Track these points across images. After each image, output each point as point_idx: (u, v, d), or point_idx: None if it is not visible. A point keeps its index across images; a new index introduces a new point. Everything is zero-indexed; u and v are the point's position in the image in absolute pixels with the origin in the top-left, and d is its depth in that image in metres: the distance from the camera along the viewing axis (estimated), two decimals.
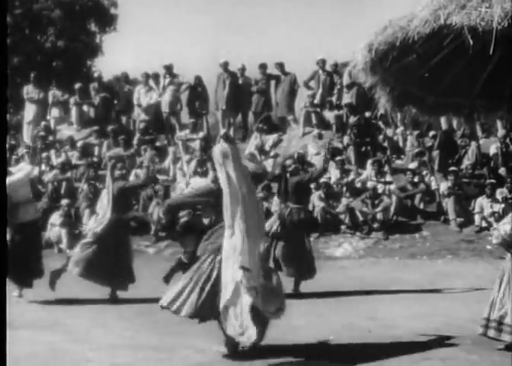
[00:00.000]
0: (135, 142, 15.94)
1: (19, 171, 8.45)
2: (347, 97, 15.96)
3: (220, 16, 45.57)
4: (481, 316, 5.85)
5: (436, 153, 14.27)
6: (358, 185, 13.54)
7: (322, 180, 13.51)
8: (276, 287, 5.55)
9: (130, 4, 39.69)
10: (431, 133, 14.85)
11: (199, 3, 43.98)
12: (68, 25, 24.46)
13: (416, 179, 13.52)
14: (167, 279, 7.72)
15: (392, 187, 13.40)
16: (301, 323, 6.56)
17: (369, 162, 14.02)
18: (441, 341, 6.07)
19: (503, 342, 5.75)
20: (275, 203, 11.99)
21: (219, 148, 5.65)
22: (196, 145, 15.57)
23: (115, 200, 8.35)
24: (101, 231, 8.29)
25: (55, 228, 13.00)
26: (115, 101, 17.65)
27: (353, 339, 6.17)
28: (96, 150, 16.31)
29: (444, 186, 13.19)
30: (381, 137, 15.35)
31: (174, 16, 47.85)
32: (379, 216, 12.78)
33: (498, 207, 12.41)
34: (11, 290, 7.94)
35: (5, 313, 4.59)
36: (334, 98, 16.19)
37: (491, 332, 5.77)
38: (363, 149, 14.80)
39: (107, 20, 26.06)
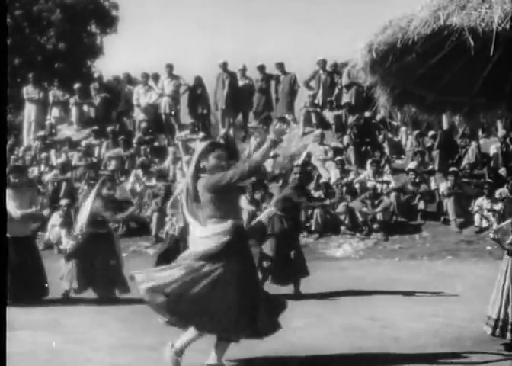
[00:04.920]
0: (135, 141, 15.96)
1: None
2: (346, 97, 15.99)
3: (220, 16, 45.60)
4: (491, 316, 5.83)
5: (436, 153, 14.28)
6: (357, 186, 13.55)
7: (322, 180, 13.53)
8: None
9: (131, 6, 39.76)
10: (431, 133, 14.86)
11: (199, 4, 44.00)
12: (68, 27, 24.49)
13: (417, 179, 13.53)
14: None
15: (390, 186, 13.41)
16: (300, 324, 6.55)
17: (369, 162, 14.03)
18: (441, 342, 6.07)
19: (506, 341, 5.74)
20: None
21: None
22: (195, 145, 15.56)
23: (91, 217, 8.30)
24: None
25: (55, 228, 12.99)
26: (116, 102, 17.68)
27: (353, 340, 6.17)
28: (96, 150, 16.32)
29: (444, 186, 13.19)
30: (381, 137, 15.37)
31: (174, 17, 47.85)
32: (379, 216, 12.78)
33: (499, 208, 12.40)
34: None
35: (5, 312, 4.58)
36: (333, 98, 16.22)
37: (498, 332, 5.77)
38: (363, 148, 14.81)
39: (107, 22, 26.11)
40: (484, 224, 12.54)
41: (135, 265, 8.81)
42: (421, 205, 13.21)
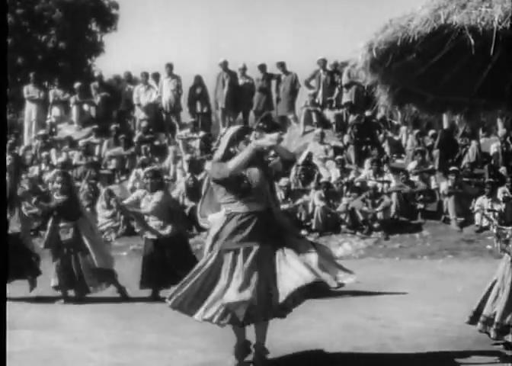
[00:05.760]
0: (135, 140, 15.97)
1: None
2: (347, 97, 16.00)
3: (221, 15, 45.61)
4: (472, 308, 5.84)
5: (436, 152, 14.28)
6: (357, 184, 13.55)
7: (322, 179, 13.54)
8: None
9: (131, 5, 39.79)
10: (431, 132, 14.86)
11: (199, 3, 44.03)
12: (68, 25, 24.50)
13: (415, 178, 13.52)
14: None
15: (392, 186, 13.41)
16: (300, 323, 6.55)
17: (367, 161, 14.03)
18: (441, 341, 6.06)
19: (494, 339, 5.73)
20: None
21: None
22: (196, 144, 15.57)
23: None
24: None
25: None
26: (117, 101, 17.67)
27: (353, 339, 6.16)
28: (96, 149, 16.32)
29: (444, 185, 13.19)
30: (381, 136, 15.37)
31: (174, 16, 47.89)
32: (380, 215, 12.78)
33: (499, 207, 12.39)
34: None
35: (5, 312, 4.58)
36: (334, 97, 16.23)
37: (479, 326, 5.75)
38: (363, 148, 14.81)
39: (107, 21, 26.11)
40: (485, 223, 12.54)
41: (135, 264, 8.85)
42: (421, 204, 13.21)
